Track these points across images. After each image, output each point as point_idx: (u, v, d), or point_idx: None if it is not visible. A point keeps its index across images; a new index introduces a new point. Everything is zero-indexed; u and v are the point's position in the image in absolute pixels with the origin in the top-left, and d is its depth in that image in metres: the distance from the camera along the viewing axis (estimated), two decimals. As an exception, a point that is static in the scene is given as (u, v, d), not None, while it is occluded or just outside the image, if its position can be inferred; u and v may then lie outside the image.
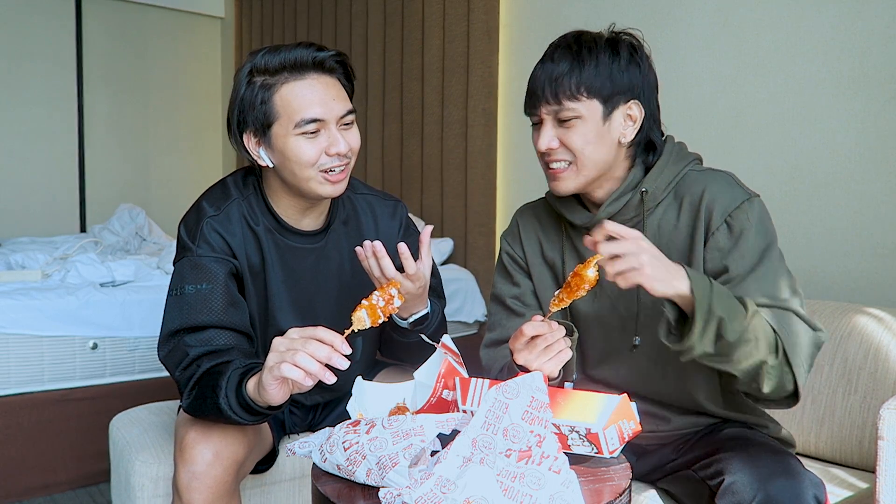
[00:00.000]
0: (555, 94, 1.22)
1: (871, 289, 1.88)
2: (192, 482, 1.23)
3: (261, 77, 1.29)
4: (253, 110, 1.29)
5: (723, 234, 1.21)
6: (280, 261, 1.41)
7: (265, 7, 4.65)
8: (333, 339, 1.03)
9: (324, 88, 1.30)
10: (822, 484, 1.05)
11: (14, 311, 2.27)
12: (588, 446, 1.06)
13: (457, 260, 3.22)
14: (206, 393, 1.19)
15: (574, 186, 1.27)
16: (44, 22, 4.48)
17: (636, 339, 1.30)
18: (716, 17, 2.22)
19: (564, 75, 1.21)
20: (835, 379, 1.56)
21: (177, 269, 1.35)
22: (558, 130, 1.24)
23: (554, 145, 1.25)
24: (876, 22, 1.86)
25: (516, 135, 2.98)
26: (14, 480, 2.30)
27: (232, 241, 1.36)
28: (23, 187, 4.45)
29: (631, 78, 1.23)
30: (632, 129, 1.25)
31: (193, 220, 1.37)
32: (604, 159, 1.25)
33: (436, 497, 0.89)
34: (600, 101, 1.22)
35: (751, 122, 2.14)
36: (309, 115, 1.27)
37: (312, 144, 1.29)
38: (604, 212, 1.28)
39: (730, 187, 1.23)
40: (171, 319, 1.31)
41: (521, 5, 2.93)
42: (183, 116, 5.12)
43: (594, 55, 1.22)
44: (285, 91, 1.28)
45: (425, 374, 1.21)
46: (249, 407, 1.14)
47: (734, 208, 1.20)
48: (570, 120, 1.22)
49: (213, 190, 1.43)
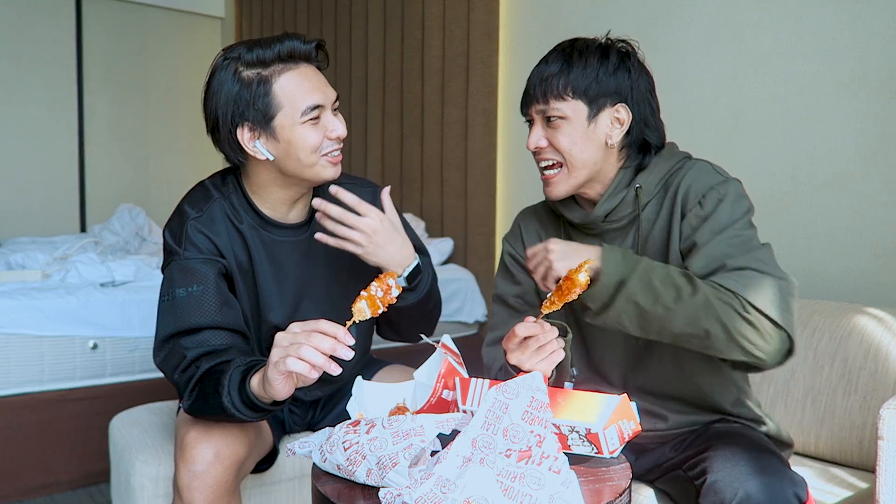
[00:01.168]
0: (544, 94, 1.27)
1: (871, 289, 1.88)
2: (192, 482, 1.23)
3: (252, 70, 1.29)
4: (252, 105, 1.29)
5: (695, 213, 1.23)
6: (268, 257, 1.41)
7: (265, 7, 4.65)
8: (336, 331, 1.03)
9: (315, 75, 1.34)
10: (804, 482, 1.06)
11: (14, 311, 2.27)
12: (588, 446, 1.07)
13: (457, 260, 3.23)
14: (209, 392, 1.19)
15: (566, 189, 1.31)
16: (44, 22, 4.49)
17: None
18: (716, 17, 2.22)
19: (554, 76, 1.26)
20: (835, 379, 1.56)
21: (166, 274, 1.35)
22: (547, 131, 1.29)
23: (542, 144, 1.29)
24: (876, 22, 1.86)
25: (516, 135, 2.98)
26: (14, 480, 2.30)
27: (218, 241, 1.36)
28: (23, 187, 4.46)
29: (618, 82, 1.27)
30: (619, 132, 1.28)
31: (177, 224, 1.37)
32: (592, 159, 1.28)
33: (436, 497, 0.89)
34: (585, 103, 1.26)
35: (751, 122, 2.14)
36: (311, 101, 1.30)
37: (315, 130, 1.31)
38: (600, 209, 1.31)
39: (706, 173, 1.26)
40: (164, 325, 1.30)
41: (521, 5, 2.93)
42: (183, 116, 5.13)
43: (584, 58, 1.27)
44: (284, 81, 1.29)
45: (425, 374, 1.22)
46: (253, 404, 1.15)
47: (707, 190, 1.23)
48: (556, 120, 1.27)
49: (192, 193, 1.42)
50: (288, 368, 1.02)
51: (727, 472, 1.06)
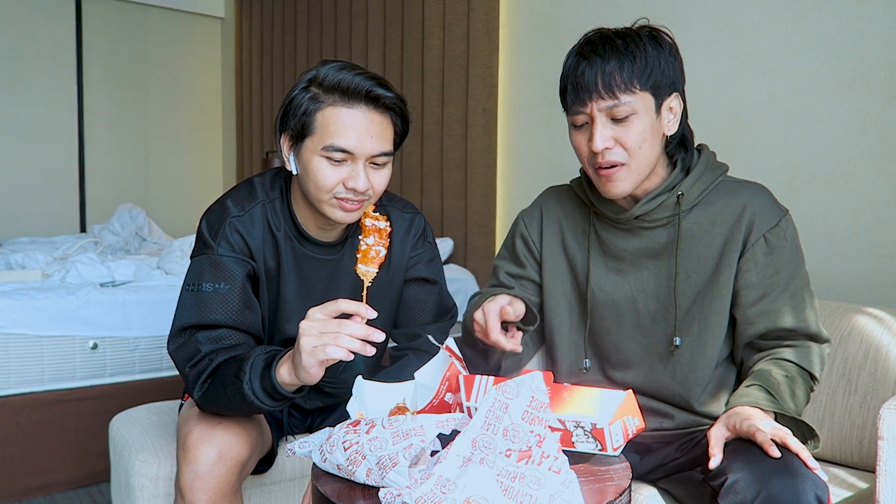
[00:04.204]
0: (609, 89, 1.19)
1: (871, 289, 1.88)
2: (195, 482, 1.22)
3: (316, 89, 1.27)
4: (295, 117, 1.28)
5: (760, 248, 1.26)
6: (296, 269, 1.41)
7: (265, 7, 4.65)
8: (359, 309, 1.08)
9: (367, 123, 1.27)
10: (826, 485, 1.05)
11: (14, 311, 2.27)
12: (592, 443, 1.06)
13: (457, 260, 3.22)
14: (227, 380, 1.20)
15: (629, 187, 1.26)
16: (44, 22, 4.49)
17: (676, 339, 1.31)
18: (716, 17, 2.22)
19: (616, 70, 1.19)
20: (835, 379, 1.56)
21: (195, 263, 1.35)
22: (614, 129, 1.21)
23: (611, 145, 1.22)
24: (876, 22, 1.86)
25: (516, 135, 2.98)
26: (14, 480, 2.30)
27: (252, 243, 1.35)
28: (23, 187, 4.46)
29: (674, 70, 1.24)
30: (674, 122, 1.26)
31: (217, 217, 1.36)
32: (655, 155, 1.25)
33: (436, 497, 0.89)
34: (652, 94, 1.21)
35: (751, 122, 2.14)
36: (340, 143, 1.25)
37: (334, 171, 1.27)
38: (639, 209, 1.29)
39: (769, 202, 1.28)
40: (185, 314, 1.31)
41: (521, 5, 2.93)
42: (183, 116, 5.13)
43: (641, 48, 1.20)
44: (329, 112, 1.26)
45: (426, 375, 1.21)
46: (275, 391, 1.16)
47: (773, 225, 1.25)
48: (627, 117, 1.20)
49: (239, 189, 1.42)
50: (328, 356, 1.06)
51: (748, 472, 1.04)
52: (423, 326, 1.51)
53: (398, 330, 1.55)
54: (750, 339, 1.29)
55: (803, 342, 1.27)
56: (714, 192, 1.30)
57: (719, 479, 1.08)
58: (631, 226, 1.33)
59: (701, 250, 1.29)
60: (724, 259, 1.27)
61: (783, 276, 1.26)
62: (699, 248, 1.29)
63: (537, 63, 2.84)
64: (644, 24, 1.26)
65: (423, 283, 1.51)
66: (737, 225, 1.26)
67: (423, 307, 1.52)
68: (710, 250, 1.29)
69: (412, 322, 1.53)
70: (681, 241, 1.29)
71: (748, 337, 1.29)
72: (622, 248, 1.35)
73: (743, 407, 1.15)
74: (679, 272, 1.30)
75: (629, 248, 1.34)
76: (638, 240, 1.33)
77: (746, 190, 1.29)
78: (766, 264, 1.26)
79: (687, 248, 1.30)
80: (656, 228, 1.31)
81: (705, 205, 1.29)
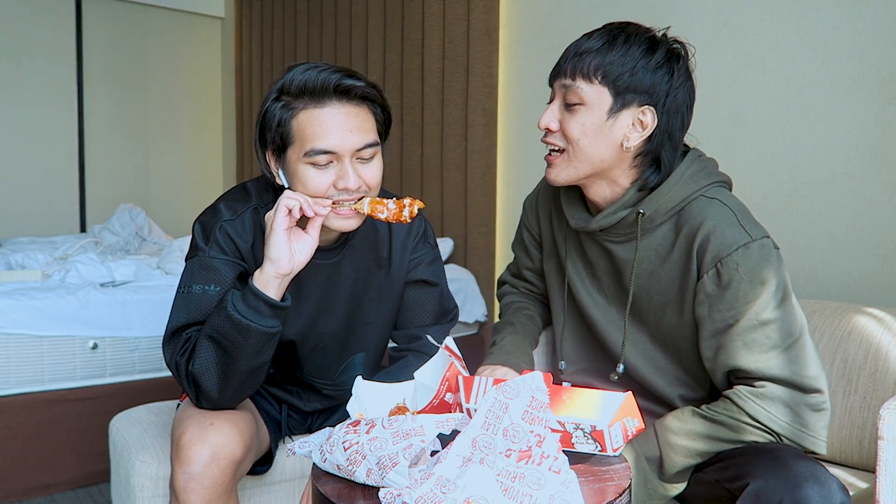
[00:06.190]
0: (573, 69, 1.17)
1: (871, 289, 1.88)
2: (188, 483, 1.22)
3: (286, 96, 1.25)
4: (272, 130, 1.26)
5: (711, 279, 1.15)
6: None
7: (265, 7, 4.65)
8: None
9: (343, 118, 1.23)
10: (847, 492, 1.03)
11: (14, 311, 2.27)
12: (592, 444, 1.06)
13: (457, 260, 3.22)
14: (214, 324, 1.23)
15: (566, 177, 1.23)
16: (44, 22, 4.49)
17: (620, 366, 1.32)
18: (716, 17, 2.22)
19: (590, 53, 1.16)
20: (835, 379, 1.56)
21: (187, 266, 1.35)
22: (562, 113, 1.20)
23: (553, 127, 1.20)
24: (876, 22, 1.86)
25: (516, 135, 2.98)
26: (14, 480, 2.29)
27: (242, 247, 1.35)
28: (23, 187, 4.46)
29: (655, 81, 1.15)
30: (638, 136, 1.18)
31: (208, 221, 1.36)
32: (599, 157, 1.19)
33: (436, 497, 0.89)
34: (611, 93, 1.16)
35: (751, 122, 2.14)
36: (320, 145, 1.22)
37: (322, 176, 1.24)
38: (596, 223, 1.25)
39: (729, 227, 1.15)
40: (177, 315, 1.31)
41: (521, 5, 2.93)
42: (183, 117, 5.13)
43: (628, 44, 1.15)
44: (303, 117, 1.23)
45: (426, 375, 1.21)
46: (259, 300, 1.20)
47: (725, 255, 1.13)
48: (575, 105, 1.17)
49: (232, 193, 1.42)
50: (286, 204, 1.19)
51: (773, 478, 1.02)
52: (423, 328, 1.51)
53: (398, 331, 1.54)
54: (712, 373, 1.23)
55: (769, 387, 1.15)
56: (685, 210, 1.20)
57: (738, 483, 1.06)
58: (597, 237, 1.29)
59: (661, 273, 1.22)
60: (683, 286, 1.20)
61: (734, 313, 1.14)
62: (660, 270, 1.22)
63: (537, 63, 2.84)
64: (665, 32, 1.20)
65: (423, 285, 1.51)
66: (691, 248, 1.17)
67: (423, 309, 1.52)
68: (669, 275, 1.21)
69: (412, 323, 1.52)
70: (637, 263, 1.23)
71: (710, 371, 1.23)
72: (593, 256, 1.34)
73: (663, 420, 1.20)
74: (636, 294, 1.26)
75: (599, 260, 1.33)
76: (605, 252, 1.30)
77: (710, 209, 1.17)
78: (717, 297, 1.15)
79: (649, 268, 1.24)
80: (619, 244, 1.27)
81: (672, 225, 1.21)
